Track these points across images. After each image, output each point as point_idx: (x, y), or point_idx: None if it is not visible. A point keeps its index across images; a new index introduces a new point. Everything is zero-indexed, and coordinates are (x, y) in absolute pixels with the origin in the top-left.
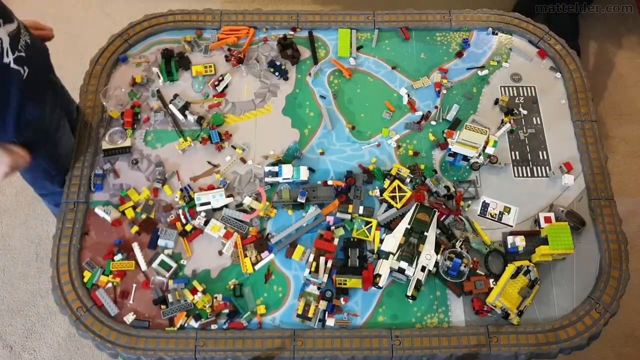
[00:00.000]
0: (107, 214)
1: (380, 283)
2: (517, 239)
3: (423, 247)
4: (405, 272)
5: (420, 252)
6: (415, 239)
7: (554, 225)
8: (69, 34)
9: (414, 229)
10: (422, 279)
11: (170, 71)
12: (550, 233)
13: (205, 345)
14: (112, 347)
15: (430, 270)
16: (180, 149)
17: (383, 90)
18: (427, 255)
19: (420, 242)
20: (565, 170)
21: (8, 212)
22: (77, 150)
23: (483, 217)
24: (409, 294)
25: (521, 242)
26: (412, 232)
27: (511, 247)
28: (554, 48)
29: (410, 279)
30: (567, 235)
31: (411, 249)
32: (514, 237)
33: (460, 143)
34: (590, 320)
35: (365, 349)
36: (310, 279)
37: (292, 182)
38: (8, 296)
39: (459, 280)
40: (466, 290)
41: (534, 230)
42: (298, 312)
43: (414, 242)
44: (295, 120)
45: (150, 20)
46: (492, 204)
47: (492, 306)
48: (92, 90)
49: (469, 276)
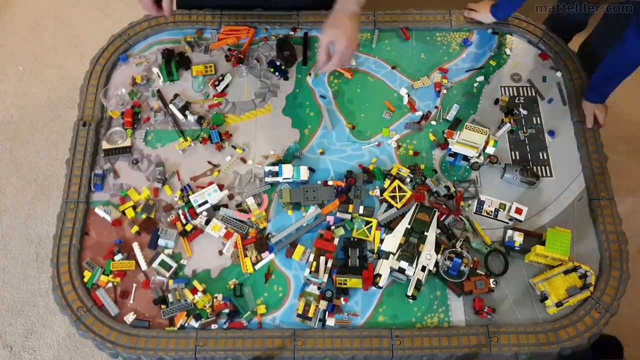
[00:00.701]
0: (107, 213)
1: (380, 283)
2: (515, 234)
3: (423, 246)
4: (406, 272)
5: (420, 252)
6: (415, 238)
7: (556, 229)
8: (69, 34)
9: (414, 228)
10: (423, 279)
11: (170, 71)
12: (550, 235)
13: (205, 345)
14: (113, 347)
15: (431, 270)
16: (180, 149)
17: (383, 90)
18: (427, 255)
19: (420, 242)
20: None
21: (8, 212)
22: (77, 150)
23: (479, 215)
24: (409, 293)
25: (519, 237)
26: (412, 232)
27: (508, 240)
28: (554, 48)
29: (410, 279)
30: (567, 241)
31: (411, 248)
32: (514, 232)
33: (460, 143)
34: (591, 320)
35: (366, 349)
36: (311, 279)
37: (292, 181)
38: (8, 296)
39: (459, 280)
40: (466, 290)
41: (536, 232)
42: (298, 311)
43: (414, 242)
44: (296, 120)
45: (150, 21)
46: (487, 202)
47: (533, 285)
48: (92, 90)
49: (469, 276)
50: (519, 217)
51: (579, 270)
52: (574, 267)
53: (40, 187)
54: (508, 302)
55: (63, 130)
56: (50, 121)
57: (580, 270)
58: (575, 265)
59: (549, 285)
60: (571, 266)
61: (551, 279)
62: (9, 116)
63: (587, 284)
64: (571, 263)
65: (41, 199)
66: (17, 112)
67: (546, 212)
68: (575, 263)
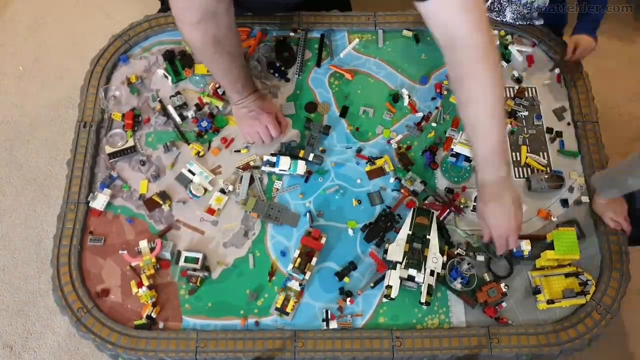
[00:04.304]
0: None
1: (392, 295)
2: (522, 243)
3: (428, 250)
4: (416, 279)
5: (426, 256)
6: (418, 244)
7: (559, 230)
8: (69, 34)
9: (415, 234)
10: (433, 283)
11: (177, 70)
12: (556, 238)
13: (206, 346)
14: (113, 348)
15: (439, 273)
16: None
17: (384, 91)
18: (433, 258)
19: (424, 247)
20: None
21: (8, 212)
22: (78, 151)
23: (474, 212)
24: (422, 300)
25: (527, 246)
26: (415, 238)
27: (516, 250)
28: (555, 49)
29: (420, 285)
30: (573, 240)
31: (417, 255)
32: (520, 241)
33: (462, 143)
34: (591, 322)
35: (366, 350)
36: (293, 274)
37: (288, 174)
38: (8, 296)
39: (469, 289)
40: (481, 301)
41: (539, 235)
42: (277, 305)
43: (419, 247)
44: (296, 120)
45: (150, 21)
46: None
47: (530, 278)
48: (92, 90)
49: (480, 285)
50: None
51: (581, 277)
52: (576, 272)
53: (40, 187)
54: (509, 303)
55: (63, 130)
56: (50, 121)
57: (582, 277)
58: (578, 271)
59: (545, 282)
60: (574, 271)
61: (550, 277)
62: (9, 116)
63: (585, 291)
64: (575, 268)
65: (41, 199)
66: (17, 112)
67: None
68: (579, 269)
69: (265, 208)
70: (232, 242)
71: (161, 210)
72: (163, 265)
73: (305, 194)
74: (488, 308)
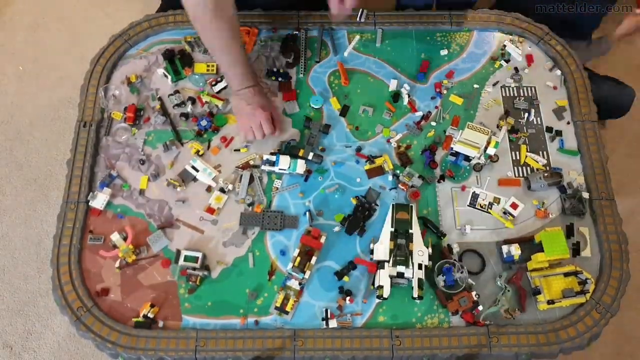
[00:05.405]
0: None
1: (384, 294)
2: (512, 248)
3: (412, 245)
4: (405, 275)
5: (411, 251)
6: (402, 239)
7: (547, 231)
8: (69, 34)
9: (398, 230)
10: (423, 277)
11: (176, 69)
12: (544, 239)
13: (205, 346)
14: (113, 347)
15: (427, 266)
16: (193, 153)
17: (383, 90)
18: (419, 251)
19: (408, 241)
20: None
21: (8, 212)
22: (78, 150)
23: (472, 208)
24: (415, 295)
25: (516, 250)
26: (398, 234)
27: (507, 256)
28: (555, 48)
29: (411, 281)
30: (562, 240)
31: (403, 251)
32: (509, 246)
33: (462, 142)
34: (591, 321)
35: (366, 349)
36: (292, 273)
37: (288, 173)
38: (8, 296)
39: (451, 292)
40: (452, 311)
41: (527, 237)
42: (277, 304)
43: (403, 242)
44: (296, 120)
45: (150, 21)
46: (481, 195)
47: (530, 278)
48: (92, 90)
49: (452, 295)
50: (513, 211)
51: (580, 276)
52: (575, 271)
53: (40, 187)
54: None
55: (63, 130)
56: (50, 121)
57: (581, 276)
58: (577, 270)
59: (545, 282)
60: (573, 270)
61: (550, 277)
62: (9, 116)
63: (584, 290)
64: (574, 267)
65: (41, 199)
66: (17, 112)
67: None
68: (577, 268)
69: (258, 222)
70: (232, 241)
71: (161, 209)
72: (163, 264)
73: (304, 193)
74: (465, 314)
